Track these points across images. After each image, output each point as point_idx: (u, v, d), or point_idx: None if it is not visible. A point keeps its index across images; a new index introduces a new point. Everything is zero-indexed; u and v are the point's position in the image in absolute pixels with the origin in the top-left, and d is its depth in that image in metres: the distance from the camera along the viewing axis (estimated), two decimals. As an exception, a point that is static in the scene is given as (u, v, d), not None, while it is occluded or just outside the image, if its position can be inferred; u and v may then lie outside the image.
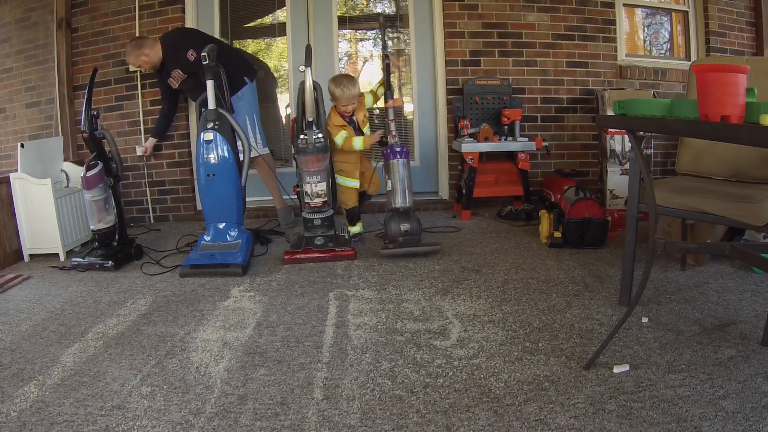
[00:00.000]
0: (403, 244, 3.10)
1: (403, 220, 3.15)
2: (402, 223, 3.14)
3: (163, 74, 3.72)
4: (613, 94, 4.00)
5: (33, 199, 3.26)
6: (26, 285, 2.90)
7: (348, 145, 3.26)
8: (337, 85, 3.23)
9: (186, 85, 3.69)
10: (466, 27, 4.27)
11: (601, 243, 3.16)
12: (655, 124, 1.69)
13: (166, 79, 3.71)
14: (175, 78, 3.67)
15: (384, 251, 3.08)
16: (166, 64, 3.65)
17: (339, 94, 3.22)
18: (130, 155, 4.25)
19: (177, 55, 3.56)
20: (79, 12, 4.21)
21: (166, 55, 3.61)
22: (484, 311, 2.32)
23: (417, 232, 3.16)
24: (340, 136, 3.24)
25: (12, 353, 2.07)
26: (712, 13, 4.53)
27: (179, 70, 3.63)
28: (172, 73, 3.66)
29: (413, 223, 3.16)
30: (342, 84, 3.22)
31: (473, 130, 4.06)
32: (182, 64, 3.57)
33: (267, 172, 3.80)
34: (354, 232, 3.46)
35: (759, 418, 1.47)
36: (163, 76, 3.74)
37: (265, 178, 3.85)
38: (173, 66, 3.63)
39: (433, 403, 1.63)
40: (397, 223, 3.14)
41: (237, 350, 2.03)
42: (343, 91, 3.21)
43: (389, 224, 3.17)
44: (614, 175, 3.81)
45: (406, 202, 3.21)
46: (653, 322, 2.13)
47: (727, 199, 2.12)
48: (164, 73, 3.70)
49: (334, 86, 3.24)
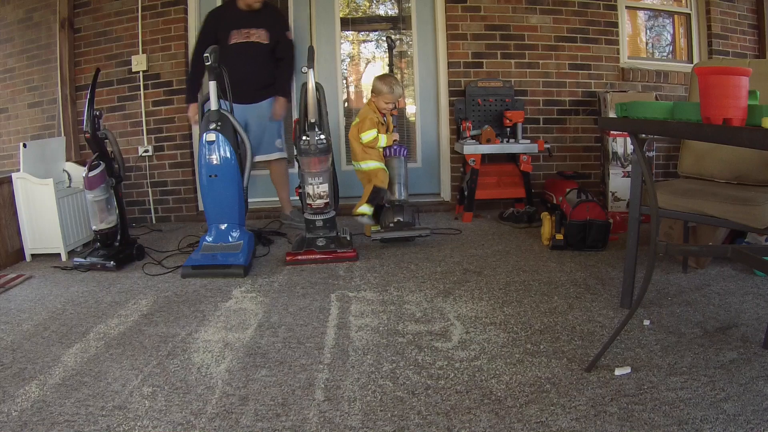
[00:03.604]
0: (393, 229, 3.26)
1: (397, 213, 3.27)
2: (396, 215, 3.27)
3: (227, 26, 3.56)
4: (616, 96, 4.00)
5: (35, 199, 3.27)
6: (28, 285, 2.91)
7: (373, 143, 3.36)
8: (385, 83, 3.35)
9: (246, 50, 3.57)
10: (469, 29, 4.27)
11: (603, 245, 3.15)
12: (658, 126, 1.69)
13: (228, 32, 3.55)
14: (246, 36, 3.56)
15: (374, 236, 3.26)
16: (254, 18, 3.57)
17: (387, 91, 3.33)
18: (132, 156, 4.26)
19: (278, 22, 3.65)
20: (82, 12, 4.22)
21: (268, 11, 3.63)
22: (485, 313, 2.32)
23: (410, 223, 3.30)
24: (370, 134, 3.32)
25: (13, 353, 2.08)
26: (714, 16, 4.53)
27: (265, 31, 3.59)
28: (252, 30, 3.56)
29: (407, 216, 3.28)
30: (390, 83, 3.36)
31: (475, 132, 4.06)
32: (277, 32, 3.63)
33: (284, 176, 3.84)
34: (362, 212, 3.40)
35: (760, 421, 1.47)
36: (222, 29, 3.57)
37: (282, 181, 3.86)
38: (264, 25, 3.59)
39: (435, 404, 1.63)
40: (391, 215, 3.28)
41: (238, 351, 2.04)
42: (392, 90, 3.33)
43: (384, 215, 3.31)
44: (616, 177, 3.81)
45: (401, 195, 3.36)
46: (655, 325, 2.13)
47: (729, 201, 2.12)
48: (233, 23, 3.55)
49: (382, 84, 3.35)
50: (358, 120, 3.41)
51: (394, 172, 3.37)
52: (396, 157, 3.36)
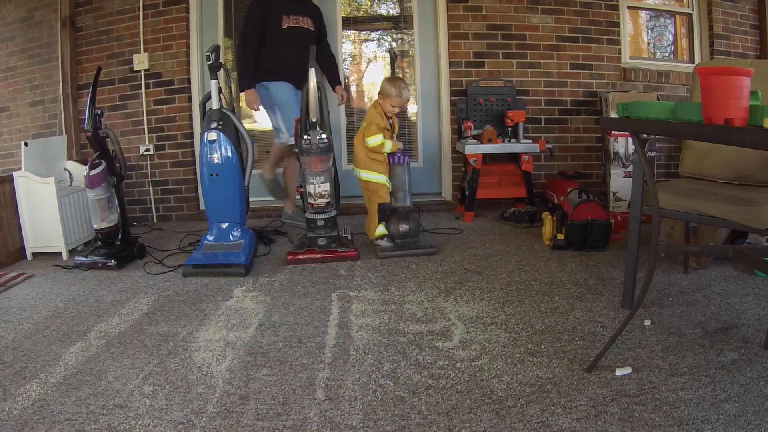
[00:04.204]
0: (401, 246, 3.18)
1: (403, 221, 3.20)
2: (402, 223, 3.19)
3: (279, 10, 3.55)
4: (617, 96, 4.00)
5: (36, 198, 3.27)
6: (29, 283, 2.91)
7: (378, 148, 3.27)
8: (394, 86, 3.25)
9: (299, 34, 3.59)
10: (470, 28, 4.27)
11: (604, 245, 3.15)
12: (659, 126, 1.69)
13: (280, 16, 3.54)
14: (295, 21, 3.58)
15: (382, 253, 3.15)
16: (301, 6, 3.62)
17: (395, 94, 3.24)
18: (134, 154, 4.26)
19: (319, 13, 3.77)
20: (83, 11, 4.22)
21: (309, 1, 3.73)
22: (486, 313, 2.32)
23: (415, 233, 3.22)
24: (376, 139, 3.23)
25: (14, 351, 2.08)
26: (716, 16, 4.52)
27: (310, 19, 3.65)
28: (299, 17, 3.59)
29: (412, 224, 3.20)
30: (399, 86, 3.26)
31: (477, 132, 4.06)
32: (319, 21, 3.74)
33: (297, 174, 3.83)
34: (381, 233, 3.29)
35: (761, 422, 1.47)
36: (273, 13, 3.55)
37: (295, 179, 3.83)
38: (308, 13, 3.65)
39: (435, 404, 1.63)
40: (397, 223, 3.19)
41: (239, 350, 2.04)
42: (400, 93, 3.24)
43: (389, 224, 3.22)
44: (617, 177, 3.81)
45: (406, 203, 3.28)
46: (656, 325, 2.13)
47: (730, 202, 2.12)
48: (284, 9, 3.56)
49: (390, 86, 3.25)
50: (365, 124, 3.33)
51: (398, 179, 3.29)
52: (399, 165, 3.30)
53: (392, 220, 3.22)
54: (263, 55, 3.58)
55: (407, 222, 3.20)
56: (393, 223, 3.20)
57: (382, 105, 3.28)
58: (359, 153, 3.32)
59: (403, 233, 3.18)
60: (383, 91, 3.27)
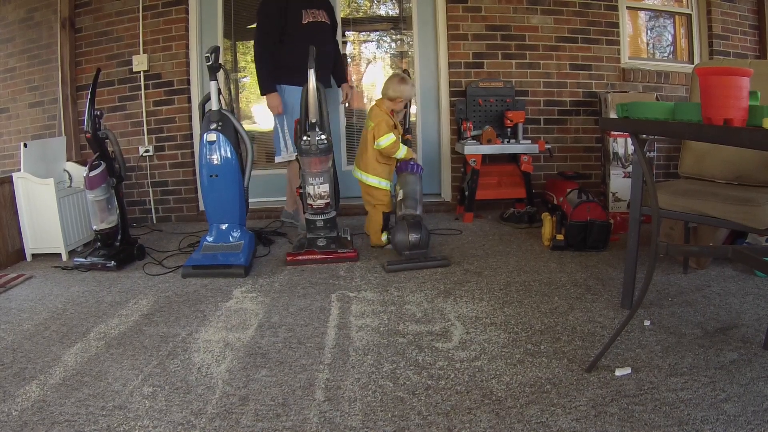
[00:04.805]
0: (410, 258, 2.98)
1: (413, 230, 3.00)
2: (411, 233, 2.99)
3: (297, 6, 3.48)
4: (616, 96, 4.00)
5: (36, 199, 3.27)
6: (28, 284, 2.91)
7: (392, 149, 3.23)
8: (399, 83, 3.25)
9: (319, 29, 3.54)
10: (470, 29, 4.27)
11: (604, 246, 3.15)
12: (658, 127, 1.69)
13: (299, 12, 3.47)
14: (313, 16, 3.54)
15: (389, 266, 2.93)
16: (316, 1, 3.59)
17: (400, 90, 3.23)
18: (133, 155, 4.26)
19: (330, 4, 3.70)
20: (83, 12, 4.22)
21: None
22: (486, 313, 2.32)
23: (425, 244, 3.03)
24: (388, 137, 3.20)
25: (14, 352, 2.08)
26: (715, 16, 4.52)
27: (324, 12, 3.61)
28: (316, 11, 3.53)
29: (422, 234, 3.01)
30: (403, 82, 3.27)
31: (476, 133, 4.06)
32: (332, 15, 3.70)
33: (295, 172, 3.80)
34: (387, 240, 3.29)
35: (761, 422, 1.47)
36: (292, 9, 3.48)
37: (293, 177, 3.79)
38: (322, 6, 3.61)
39: (435, 404, 1.63)
40: (406, 233, 2.99)
41: (239, 351, 2.04)
42: (403, 90, 3.24)
43: (397, 233, 3.04)
44: (617, 177, 3.81)
45: (418, 211, 3.12)
46: (655, 325, 2.13)
47: (729, 202, 2.12)
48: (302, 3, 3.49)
49: (395, 83, 3.26)
50: (373, 125, 3.26)
51: (409, 188, 3.16)
52: (413, 174, 3.22)
53: (399, 230, 3.02)
54: (282, 53, 3.46)
55: (417, 231, 2.98)
56: (401, 233, 3.00)
57: (385, 105, 3.29)
58: (366, 154, 3.29)
59: (412, 244, 2.98)
60: (388, 90, 3.28)
